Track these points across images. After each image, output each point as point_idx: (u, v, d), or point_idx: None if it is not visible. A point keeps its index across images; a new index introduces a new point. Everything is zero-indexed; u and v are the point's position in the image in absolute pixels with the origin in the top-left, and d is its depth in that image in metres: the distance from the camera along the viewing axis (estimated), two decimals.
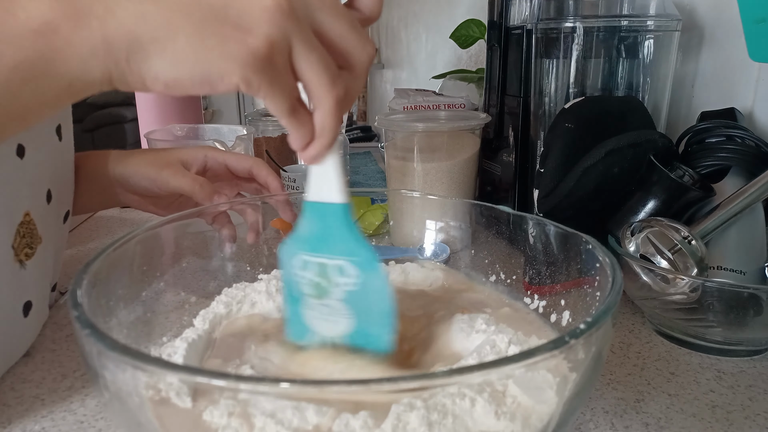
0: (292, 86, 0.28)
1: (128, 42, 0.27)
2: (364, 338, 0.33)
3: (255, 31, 0.26)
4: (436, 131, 0.69)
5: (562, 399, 0.28)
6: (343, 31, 0.28)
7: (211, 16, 0.27)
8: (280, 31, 0.26)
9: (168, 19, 0.27)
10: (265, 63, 0.27)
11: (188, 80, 0.27)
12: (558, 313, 0.39)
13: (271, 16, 0.26)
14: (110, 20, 0.27)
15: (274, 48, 0.27)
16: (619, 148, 0.56)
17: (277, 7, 0.26)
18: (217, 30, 0.27)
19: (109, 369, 0.26)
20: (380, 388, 0.25)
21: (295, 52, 0.27)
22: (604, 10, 0.63)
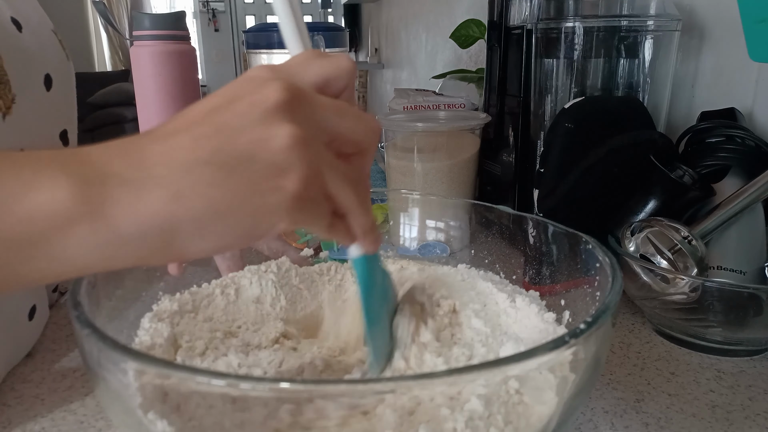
0: (328, 209, 0.28)
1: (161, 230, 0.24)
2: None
3: (287, 174, 0.25)
4: (436, 131, 0.69)
5: (562, 399, 0.28)
6: (350, 125, 0.28)
7: (242, 173, 0.25)
8: (308, 165, 0.26)
9: (204, 193, 0.24)
10: (305, 200, 0.26)
11: (236, 244, 0.26)
12: (558, 313, 0.39)
13: (296, 153, 0.25)
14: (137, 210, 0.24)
15: (309, 182, 0.26)
16: (619, 148, 0.56)
17: (296, 140, 0.25)
18: (253, 187, 0.25)
19: (109, 369, 0.26)
20: (380, 388, 0.25)
21: (325, 179, 0.27)
22: (604, 10, 0.63)
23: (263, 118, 0.25)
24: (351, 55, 3.40)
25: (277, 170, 0.25)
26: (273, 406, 0.27)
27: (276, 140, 0.25)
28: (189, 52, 1.01)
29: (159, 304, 0.40)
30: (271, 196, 0.25)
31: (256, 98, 0.25)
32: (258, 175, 0.25)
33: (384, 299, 0.35)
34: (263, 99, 0.25)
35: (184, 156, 0.24)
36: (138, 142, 0.25)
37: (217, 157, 0.24)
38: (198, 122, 0.25)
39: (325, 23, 2.62)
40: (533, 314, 0.39)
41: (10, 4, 0.44)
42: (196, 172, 0.24)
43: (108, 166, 0.24)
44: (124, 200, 0.23)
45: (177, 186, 0.24)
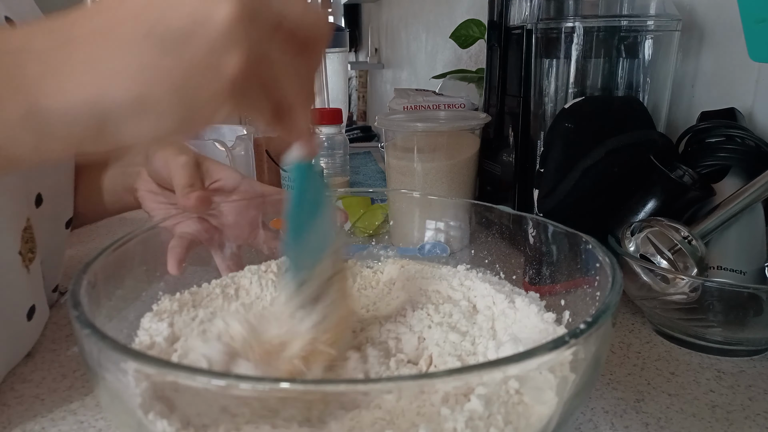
0: (271, 99, 0.27)
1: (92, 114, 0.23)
2: None
3: (229, 53, 0.23)
4: (436, 131, 0.69)
5: (562, 399, 0.28)
6: (298, 11, 0.26)
7: (179, 51, 0.23)
8: (251, 45, 0.24)
9: (137, 72, 0.23)
10: (248, 85, 0.25)
11: (177, 130, 0.25)
12: (558, 313, 0.39)
13: (239, 31, 0.23)
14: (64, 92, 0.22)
15: (252, 65, 0.24)
16: (619, 148, 0.56)
17: (239, 16, 0.23)
18: (191, 67, 0.23)
19: (109, 369, 0.26)
20: (380, 388, 0.25)
21: (270, 62, 0.25)
22: (604, 10, 0.63)
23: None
24: (351, 56, 3.40)
25: (217, 49, 0.23)
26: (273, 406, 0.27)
27: (218, 15, 0.23)
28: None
29: (159, 304, 0.40)
30: (210, 78, 0.24)
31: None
32: (197, 54, 0.23)
33: (314, 216, 0.34)
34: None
35: (117, 33, 0.23)
36: (71, 18, 0.23)
37: (153, 34, 0.23)
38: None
39: None
40: (533, 314, 0.39)
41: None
42: (129, 49, 0.22)
43: (29, 43, 0.22)
44: (48, 77, 0.22)
45: (108, 64, 0.22)
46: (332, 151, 1.01)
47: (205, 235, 0.46)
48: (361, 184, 1.10)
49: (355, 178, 1.13)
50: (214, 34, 0.23)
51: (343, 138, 1.02)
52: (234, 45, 0.23)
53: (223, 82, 0.24)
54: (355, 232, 0.65)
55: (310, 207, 0.34)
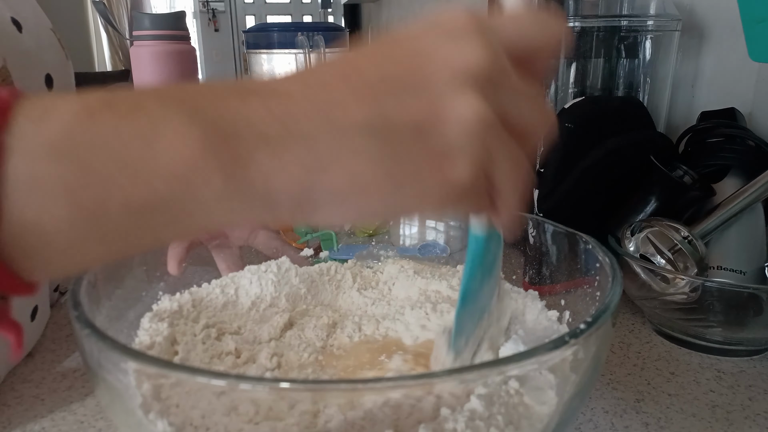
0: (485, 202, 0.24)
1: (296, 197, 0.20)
2: None
3: (457, 157, 0.20)
4: None
5: (562, 399, 0.28)
6: (532, 115, 0.23)
7: (404, 148, 0.20)
8: (484, 153, 0.21)
9: (352, 165, 0.20)
10: (467, 193, 0.22)
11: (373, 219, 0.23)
12: (558, 313, 0.39)
13: (476, 137, 0.20)
14: (275, 172, 0.20)
15: (479, 174, 0.21)
16: (619, 148, 0.56)
17: (481, 121, 0.20)
18: (413, 167, 0.20)
19: (109, 369, 0.26)
20: (380, 388, 0.25)
21: (496, 168, 0.22)
22: (604, 10, 0.63)
23: (448, 84, 0.20)
24: None
25: (446, 154, 0.20)
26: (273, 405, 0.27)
27: (454, 117, 0.20)
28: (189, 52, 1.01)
29: (159, 304, 0.40)
30: (430, 181, 0.21)
31: (448, 54, 0.20)
32: (423, 154, 0.20)
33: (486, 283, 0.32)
34: (457, 58, 0.20)
35: (337, 115, 0.20)
36: (281, 88, 0.21)
37: (378, 123, 0.20)
38: (362, 70, 0.21)
39: (325, 23, 2.62)
40: (535, 312, 0.39)
41: (9, 4, 0.44)
42: (348, 138, 0.20)
43: (243, 116, 0.20)
44: (260, 159, 0.19)
45: (322, 151, 0.20)
46: None
47: (205, 235, 0.47)
48: None
49: None
50: (450, 135, 0.20)
51: None
52: (466, 153, 0.21)
53: (444, 187, 0.21)
54: (355, 232, 0.65)
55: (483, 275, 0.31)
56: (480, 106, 0.20)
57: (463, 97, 0.20)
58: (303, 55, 1.21)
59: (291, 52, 1.25)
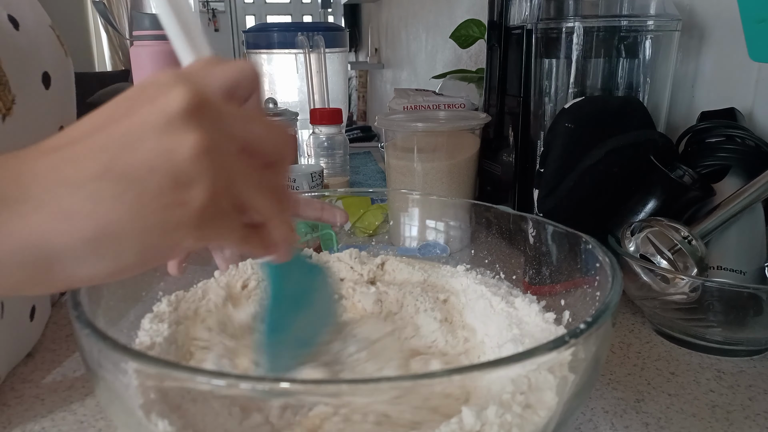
0: (240, 221, 0.26)
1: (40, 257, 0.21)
2: None
3: (193, 186, 0.23)
4: (436, 131, 0.69)
5: (562, 399, 0.28)
6: (260, 133, 0.26)
7: (139, 187, 0.22)
8: (216, 175, 0.23)
9: (91, 211, 0.21)
10: (213, 214, 0.24)
11: (136, 266, 0.23)
12: (558, 313, 0.39)
13: (203, 163, 0.22)
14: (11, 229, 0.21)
15: (217, 194, 0.23)
16: (619, 148, 0.56)
17: (203, 149, 0.22)
18: (153, 203, 0.22)
19: (109, 369, 0.26)
20: (380, 387, 0.25)
21: (235, 189, 0.25)
22: (604, 10, 0.63)
23: (166, 126, 0.22)
24: (351, 56, 3.39)
25: (181, 183, 0.22)
26: (273, 405, 0.27)
27: (181, 150, 0.22)
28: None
29: (159, 305, 0.40)
30: (173, 212, 0.23)
31: (158, 104, 0.23)
32: (159, 189, 0.22)
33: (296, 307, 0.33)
34: (166, 104, 0.23)
35: (71, 171, 0.22)
36: (22, 156, 0.22)
37: (112, 171, 0.22)
38: (93, 133, 0.23)
39: (325, 23, 2.62)
40: (533, 314, 0.39)
41: (5, 2, 0.44)
42: (85, 189, 0.21)
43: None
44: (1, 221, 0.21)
45: (60, 205, 0.21)
46: (332, 151, 1.01)
47: None
48: (361, 184, 1.10)
49: (355, 178, 1.13)
50: (178, 169, 0.22)
51: (343, 138, 1.02)
52: (199, 178, 0.23)
53: (188, 214, 0.23)
54: (355, 232, 0.65)
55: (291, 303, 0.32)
56: (196, 134, 0.22)
57: (179, 132, 0.22)
58: (303, 55, 1.21)
59: (291, 52, 1.25)
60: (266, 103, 1.03)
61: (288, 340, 0.32)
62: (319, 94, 1.22)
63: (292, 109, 1.07)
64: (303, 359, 0.32)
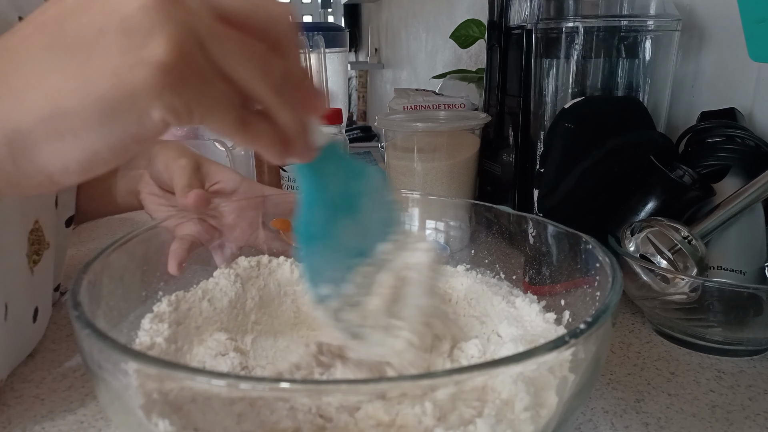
0: (227, 92, 0.22)
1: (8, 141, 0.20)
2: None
3: (150, 39, 0.19)
4: (436, 131, 0.69)
5: (562, 399, 0.28)
6: (247, 3, 0.22)
7: (89, 51, 0.19)
8: (179, 26, 0.20)
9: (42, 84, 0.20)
10: (183, 72, 0.20)
11: (108, 146, 0.20)
12: (558, 313, 0.39)
13: (157, 11, 0.19)
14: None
15: (183, 49, 0.20)
16: (619, 148, 0.56)
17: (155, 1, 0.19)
18: (107, 65, 0.19)
19: (109, 369, 0.26)
20: (379, 387, 0.25)
21: (209, 47, 0.21)
22: (604, 10, 0.63)
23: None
24: (351, 56, 3.39)
25: (134, 38, 0.19)
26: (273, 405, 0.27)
27: (128, 5, 0.19)
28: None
29: (159, 305, 0.40)
30: (130, 73, 0.19)
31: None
32: (107, 49, 0.19)
33: (338, 213, 0.28)
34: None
35: (21, 47, 0.20)
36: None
37: (59, 39, 0.20)
38: (44, 10, 0.21)
39: (325, 23, 2.62)
40: (534, 314, 0.39)
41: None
42: (32, 62, 0.20)
43: None
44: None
45: (11, 83, 0.20)
46: None
47: (205, 236, 0.47)
48: None
49: None
50: (127, 23, 0.19)
51: (343, 138, 1.02)
52: (155, 28, 0.19)
53: (149, 74, 0.19)
54: None
55: (331, 208, 0.28)
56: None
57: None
58: (303, 54, 1.21)
59: None
60: None
61: (333, 249, 0.29)
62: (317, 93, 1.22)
63: None
64: (353, 271, 0.29)
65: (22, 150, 0.20)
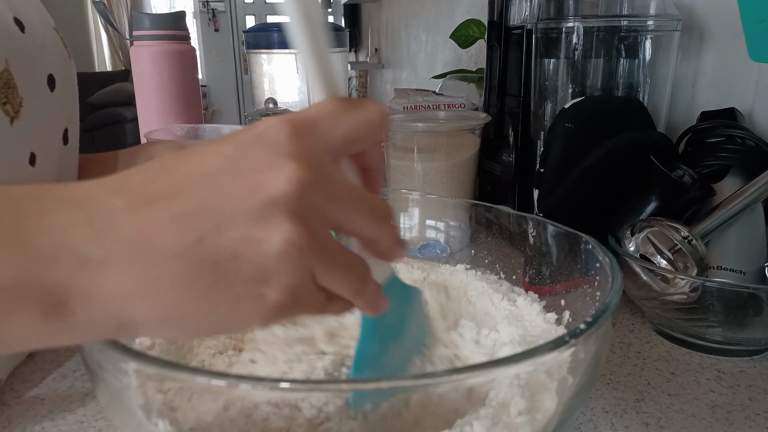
0: (319, 303, 0.24)
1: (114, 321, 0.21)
2: None
3: (273, 282, 0.21)
4: (436, 131, 0.69)
5: (562, 399, 0.28)
6: (361, 220, 0.24)
7: (218, 275, 0.20)
8: (301, 274, 0.21)
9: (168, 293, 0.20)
10: (288, 309, 0.22)
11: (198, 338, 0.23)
12: (558, 313, 0.39)
13: (290, 261, 0.21)
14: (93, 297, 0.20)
15: (297, 293, 0.22)
16: (619, 148, 0.56)
17: (293, 247, 0.21)
18: (229, 292, 0.21)
19: (109, 369, 0.26)
20: (379, 387, 0.25)
21: (319, 277, 0.22)
22: (604, 10, 0.63)
23: (264, 209, 0.20)
24: (351, 56, 3.40)
25: (261, 276, 0.21)
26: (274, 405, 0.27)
27: (270, 243, 0.20)
28: (189, 52, 1.01)
29: None
30: (248, 304, 0.21)
31: (261, 179, 0.21)
32: (238, 280, 0.21)
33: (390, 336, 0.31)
34: (271, 184, 0.20)
35: (155, 239, 0.20)
36: (106, 201, 0.21)
37: (194, 252, 0.20)
38: (183, 190, 0.21)
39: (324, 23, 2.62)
40: (534, 314, 0.39)
41: (11, 4, 0.44)
42: (165, 266, 0.20)
43: (65, 236, 0.20)
44: (77, 286, 0.20)
45: (138, 278, 0.20)
46: None
47: None
48: None
49: None
50: (263, 261, 0.21)
51: None
52: (280, 274, 0.21)
53: (262, 308, 0.21)
54: None
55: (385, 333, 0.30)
56: (290, 229, 0.20)
57: (273, 222, 0.20)
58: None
59: (291, 52, 1.25)
60: (267, 103, 1.03)
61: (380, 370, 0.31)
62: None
63: (292, 109, 1.07)
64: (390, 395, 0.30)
65: (127, 328, 0.21)
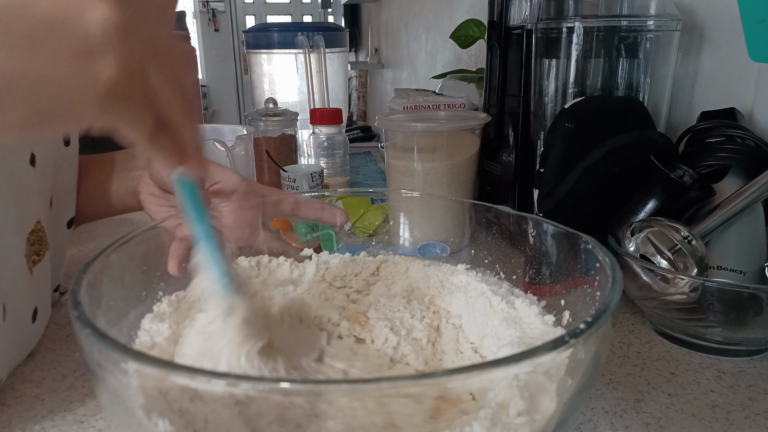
0: (149, 113, 0.25)
1: None
2: None
3: (103, 56, 0.21)
4: (436, 131, 0.69)
5: (562, 399, 0.28)
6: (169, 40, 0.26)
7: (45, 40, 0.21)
8: (131, 52, 0.22)
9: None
10: (122, 94, 0.23)
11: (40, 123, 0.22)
12: (558, 314, 0.39)
13: (117, 35, 0.21)
14: None
15: (129, 73, 0.22)
16: (619, 148, 0.56)
17: (119, 21, 0.21)
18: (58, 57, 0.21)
19: (109, 369, 0.26)
20: (379, 387, 0.25)
21: (150, 72, 0.24)
22: (604, 10, 0.63)
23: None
24: (351, 56, 3.39)
25: (89, 48, 0.21)
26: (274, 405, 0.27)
27: (94, 15, 0.21)
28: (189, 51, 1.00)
29: (159, 305, 0.40)
30: (78, 76, 0.21)
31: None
32: (64, 47, 0.21)
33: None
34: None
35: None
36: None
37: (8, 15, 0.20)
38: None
39: (325, 23, 2.62)
40: (533, 315, 0.39)
41: None
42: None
43: None
44: None
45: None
46: (332, 151, 1.01)
47: None
48: (361, 184, 1.10)
49: (355, 178, 1.13)
50: (89, 34, 0.21)
51: (343, 138, 1.02)
52: (111, 50, 0.21)
53: (94, 83, 0.22)
54: (355, 232, 0.65)
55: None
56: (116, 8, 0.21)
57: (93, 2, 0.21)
58: (303, 55, 1.21)
59: (291, 52, 1.25)
60: (267, 103, 1.03)
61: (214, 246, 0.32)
62: (319, 94, 1.22)
63: (292, 109, 1.07)
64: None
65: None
